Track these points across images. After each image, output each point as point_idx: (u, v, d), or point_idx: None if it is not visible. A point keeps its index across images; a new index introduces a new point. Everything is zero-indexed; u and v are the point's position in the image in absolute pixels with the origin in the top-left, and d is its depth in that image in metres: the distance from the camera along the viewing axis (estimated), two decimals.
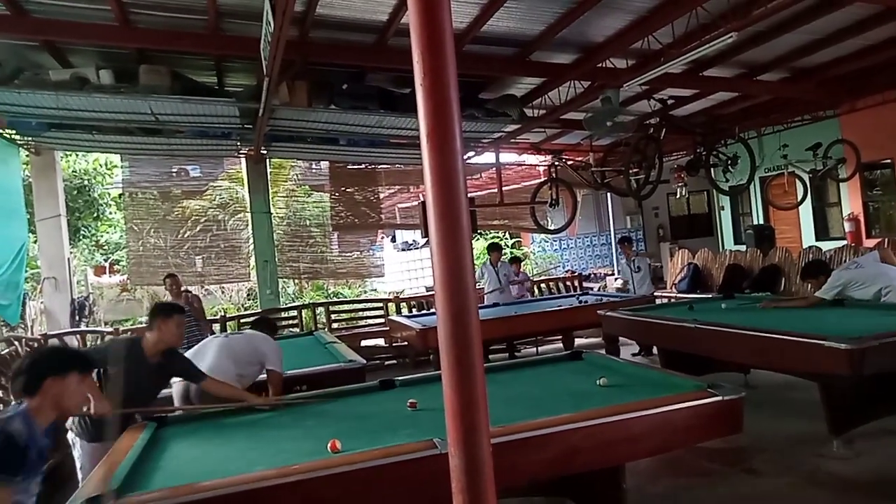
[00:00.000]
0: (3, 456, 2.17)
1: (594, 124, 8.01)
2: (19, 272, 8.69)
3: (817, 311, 5.48)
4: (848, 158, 9.53)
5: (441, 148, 1.27)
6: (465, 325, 1.27)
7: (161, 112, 7.26)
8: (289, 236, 11.55)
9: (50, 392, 2.36)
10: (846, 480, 4.03)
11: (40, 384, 2.34)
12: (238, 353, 4.39)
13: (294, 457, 2.75)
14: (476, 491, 1.22)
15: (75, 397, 2.49)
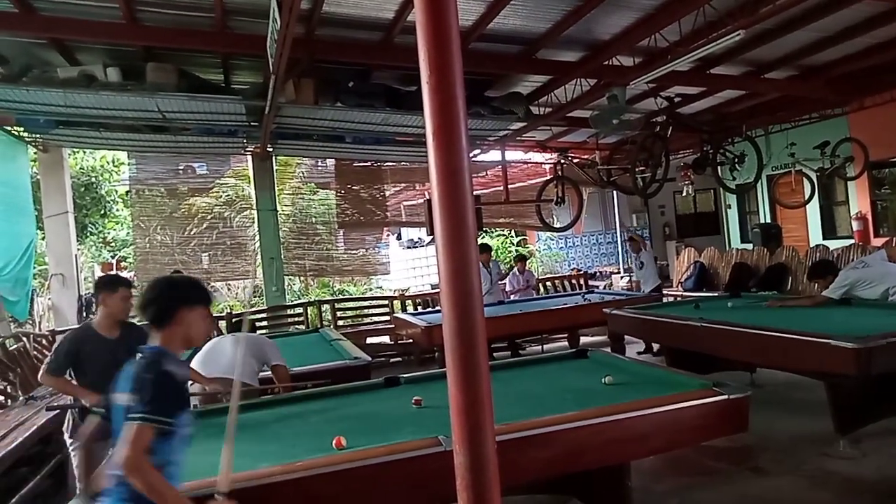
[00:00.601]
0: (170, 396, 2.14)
1: (600, 122, 7.99)
2: (27, 269, 8.74)
3: (824, 310, 5.46)
4: (856, 157, 9.49)
5: (447, 146, 1.27)
6: (470, 323, 1.27)
7: (168, 109, 7.28)
8: (294, 234, 11.58)
9: (182, 322, 2.29)
10: (852, 480, 4.01)
11: (174, 314, 2.27)
12: (250, 347, 4.41)
13: (299, 453, 2.76)
14: (481, 488, 1.22)
15: (202, 328, 2.39)
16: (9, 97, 6.76)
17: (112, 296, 3.79)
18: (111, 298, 3.78)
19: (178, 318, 2.27)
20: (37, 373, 6.94)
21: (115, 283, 3.88)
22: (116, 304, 3.80)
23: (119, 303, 3.80)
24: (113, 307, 3.80)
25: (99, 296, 3.84)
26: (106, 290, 3.82)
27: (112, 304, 3.79)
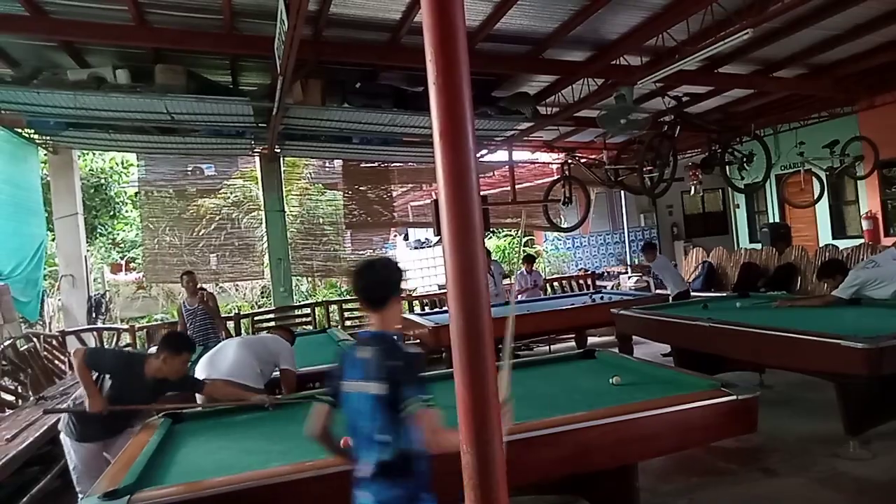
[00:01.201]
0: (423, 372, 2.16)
1: (608, 122, 7.97)
2: (38, 269, 8.81)
3: (834, 310, 5.42)
4: (866, 156, 9.43)
5: (454, 146, 1.27)
6: (477, 323, 1.27)
7: (176, 111, 7.32)
8: (302, 234, 11.61)
9: (391, 309, 2.28)
10: (862, 481, 3.98)
11: (388, 299, 2.27)
12: (255, 349, 4.49)
13: (308, 453, 2.77)
14: (488, 488, 1.23)
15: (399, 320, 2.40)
16: (19, 99, 6.81)
17: (174, 358, 3.73)
18: (172, 360, 3.73)
19: (389, 305, 2.27)
20: (47, 373, 7.03)
21: (180, 348, 3.80)
22: (174, 367, 3.75)
23: (177, 366, 3.76)
24: (170, 368, 3.74)
25: (161, 353, 3.75)
26: (170, 351, 3.74)
27: (170, 365, 3.73)
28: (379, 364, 2.12)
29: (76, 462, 3.76)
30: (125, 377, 3.72)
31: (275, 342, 4.68)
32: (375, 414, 2.10)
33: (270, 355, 4.52)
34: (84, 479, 3.66)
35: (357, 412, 2.15)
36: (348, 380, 2.20)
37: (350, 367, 2.21)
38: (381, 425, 2.09)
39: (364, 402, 2.12)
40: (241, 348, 4.45)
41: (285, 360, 4.52)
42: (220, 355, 4.43)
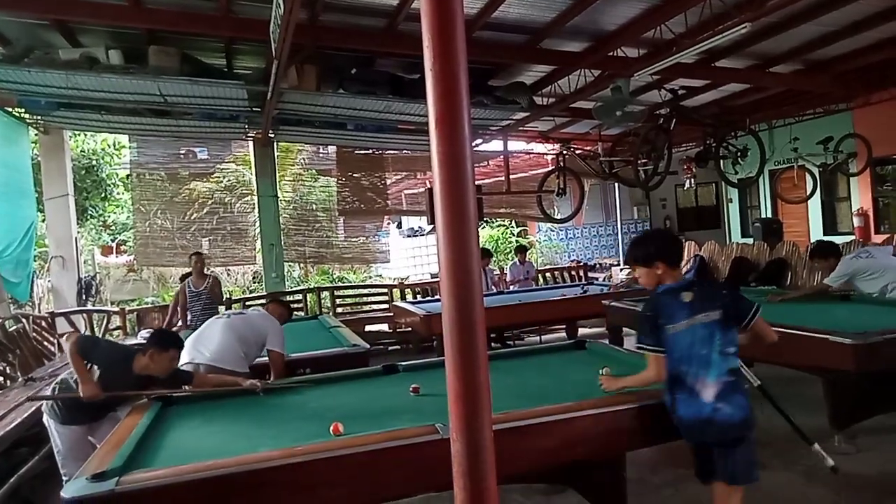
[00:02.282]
0: None
1: (604, 114, 7.97)
2: (28, 250, 8.76)
3: (823, 305, 5.46)
4: (859, 153, 9.46)
5: (449, 134, 1.26)
6: (469, 312, 1.27)
7: (170, 93, 7.26)
8: (295, 220, 11.57)
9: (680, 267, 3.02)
10: (847, 475, 4.02)
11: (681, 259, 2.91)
12: (241, 332, 4.40)
13: (297, 438, 2.78)
14: (477, 476, 1.23)
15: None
16: (10, 78, 6.73)
17: (161, 355, 3.68)
18: (159, 357, 3.67)
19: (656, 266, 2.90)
20: (36, 354, 7.01)
21: (167, 345, 3.74)
22: (161, 364, 3.69)
23: (164, 363, 3.69)
24: (157, 365, 3.68)
25: (148, 350, 3.70)
26: (157, 348, 3.69)
27: (157, 362, 3.67)
28: (712, 297, 2.82)
29: (60, 446, 3.73)
30: (114, 370, 3.68)
31: (263, 321, 4.54)
32: (721, 333, 2.76)
33: (257, 336, 4.42)
34: (69, 462, 3.64)
35: (698, 340, 2.75)
36: (679, 321, 2.77)
37: (678, 311, 2.79)
38: (727, 340, 2.77)
39: (705, 329, 2.75)
40: (227, 331, 4.36)
41: (273, 341, 4.40)
42: (205, 338, 4.37)
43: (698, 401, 2.73)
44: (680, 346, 2.76)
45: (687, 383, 2.75)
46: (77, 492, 2.34)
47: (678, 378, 2.78)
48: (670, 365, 2.79)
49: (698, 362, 2.74)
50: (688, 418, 2.77)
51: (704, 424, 2.74)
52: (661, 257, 2.89)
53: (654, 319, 2.81)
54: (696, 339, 2.74)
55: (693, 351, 2.74)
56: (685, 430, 2.82)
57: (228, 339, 4.31)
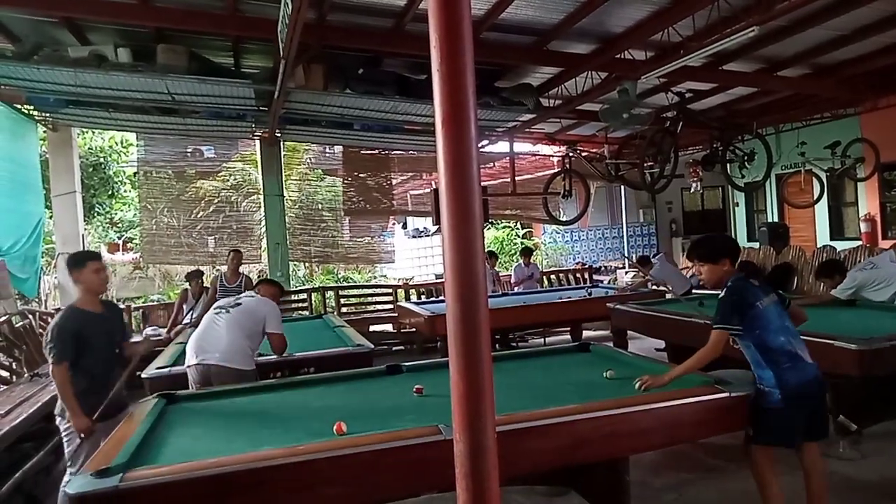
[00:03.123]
0: None
1: (610, 116, 7.95)
2: (36, 247, 8.80)
3: (829, 310, 5.43)
4: (867, 158, 9.42)
5: (456, 135, 1.26)
6: (474, 313, 1.27)
7: (177, 92, 7.28)
8: (300, 220, 11.59)
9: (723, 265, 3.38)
10: (851, 481, 4.01)
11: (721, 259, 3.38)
12: (245, 325, 4.41)
13: (300, 437, 2.78)
14: (480, 476, 1.23)
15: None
16: (19, 75, 6.77)
17: (82, 271, 3.73)
18: (82, 274, 3.73)
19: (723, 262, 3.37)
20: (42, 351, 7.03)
21: (83, 260, 3.82)
22: (89, 278, 3.74)
23: (91, 276, 3.74)
24: (88, 281, 3.74)
25: (72, 276, 3.78)
26: (75, 268, 3.75)
27: (86, 279, 3.74)
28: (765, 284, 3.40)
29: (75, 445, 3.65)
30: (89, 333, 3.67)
31: (261, 306, 4.55)
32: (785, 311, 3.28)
33: (258, 324, 4.44)
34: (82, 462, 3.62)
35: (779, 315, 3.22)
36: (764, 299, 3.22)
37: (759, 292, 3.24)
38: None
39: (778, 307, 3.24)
40: (234, 329, 4.35)
41: (272, 323, 4.47)
42: (210, 336, 4.35)
43: (804, 363, 3.12)
44: (773, 320, 3.16)
45: (790, 351, 3.11)
46: (81, 488, 2.35)
47: (780, 349, 3.11)
48: (771, 338, 3.12)
49: (788, 332, 3.17)
50: (799, 383, 3.07)
51: (814, 383, 3.12)
52: (728, 255, 3.39)
53: (741, 302, 3.18)
54: (778, 314, 3.20)
55: (782, 323, 3.18)
56: (794, 396, 3.05)
57: (236, 338, 4.31)
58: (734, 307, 3.19)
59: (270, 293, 4.77)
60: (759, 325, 3.15)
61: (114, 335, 3.91)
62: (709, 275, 3.39)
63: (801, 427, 3.13)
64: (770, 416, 3.09)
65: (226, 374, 4.13)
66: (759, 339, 3.15)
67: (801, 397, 3.07)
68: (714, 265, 3.35)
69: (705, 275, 3.42)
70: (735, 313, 3.18)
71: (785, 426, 3.11)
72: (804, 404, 3.09)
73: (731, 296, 3.22)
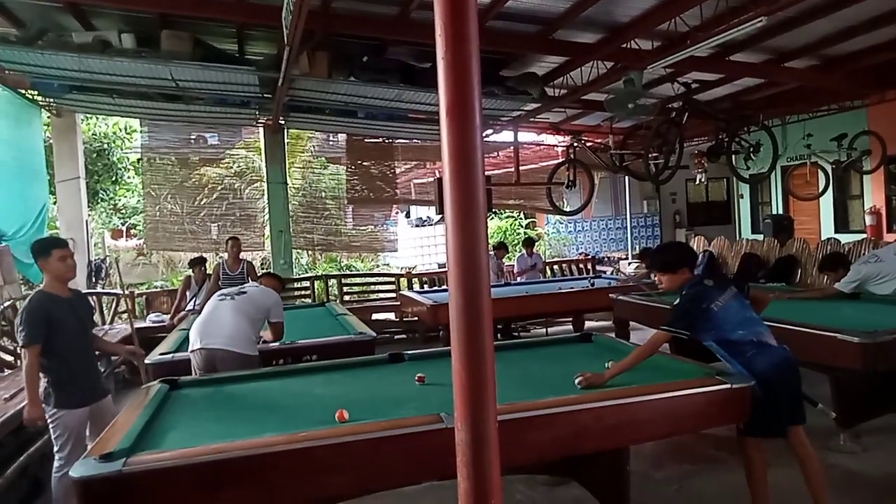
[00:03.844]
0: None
1: (616, 106, 7.91)
2: (41, 232, 8.81)
3: (832, 303, 5.43)
4: (873, 150, 9.36)
5: (460, 124, 1.26)
6: (477, 302, 1.27)
7: (181, 78, 7.27)
8: (304, 207, 11.60)
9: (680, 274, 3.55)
10: (852, 474, 4.02)
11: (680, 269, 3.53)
12: (249, 313, 4.47)
13: (302, 424, 2.79)
14: (481, 465, 1.23)
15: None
16: (24, 60, 6.76)
17: (47, 259, 3.74)
18: (47, 263, 3.74)
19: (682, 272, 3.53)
20: None
21: (48, 247, 3.82)
22: (55, 266, 3.75)
23: (56, 263, 3.75)
24: (54, 269, 3.76)
25: (38, 264, 3.80)
26: (41, 256, 3.77)
27: (53, 267, 3.75)
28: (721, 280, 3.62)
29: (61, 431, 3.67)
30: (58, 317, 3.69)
31: (265, 296, 4.65)
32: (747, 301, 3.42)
33: (262, 313, 4.55)
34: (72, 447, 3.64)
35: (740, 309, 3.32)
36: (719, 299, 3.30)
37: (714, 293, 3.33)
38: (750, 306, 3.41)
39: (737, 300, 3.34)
40: (238, 315, 4.39)
41: (275, 313, 4.60)
42: (215, 321, 4.38)
43: (770, 347, 3.22)
44: (731, 316, 3.26)
45: (752, 340, 3.21)
46: (85, 472, 2.36)
47: (740, 342, 3.22)
48: (729, 334, 3.24)
49: (751, 322, 3.28)
50: (769, 367, 3.13)
51: (786, 365, 3.18)
52: (686, 264, 3.55)
53: (694, 309, 3.28)
54: (739, 308, 3.30)
55: (742, 316, 3.28)
56: (768, 381, 3.10)
57: (241, 323, 4.36)
58: (685, 314, 3.32)
59: (273, 285, 4.88)
60: (716, 325, 3.27)
61: (85, 322, 3.95)
62: (668, 283, 3.57)
63: (785, 413, 3.18)
64: (753, 407, 3.09)
65: (231, 358, 4.16)
66: (718, 337, 3.28)
67: (775, 382, 3.12)
68: (674, 275, 3.53)
69: (665, 283, 3.60)
70: (685, 318, 3.30)
71: (769, 415, 3.14)
72: (781, 389, 3.14)
73: (686, 303, 3.35)
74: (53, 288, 3.80)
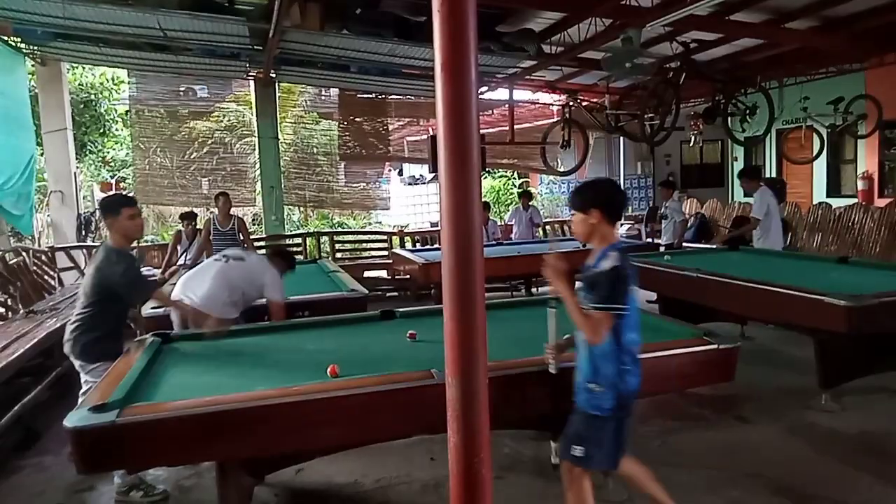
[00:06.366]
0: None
1: (613, 65, 7.79)
2: (29, 183, 8.71)
3: (820, 265, 5.50)
4: (869, 115, 9.33)
5: (455, 80, 1.24)
6: (469, 261, 1.27)
7: (169, 27, 7.09)
8: (295, 163, 11.48)
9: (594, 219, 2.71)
10: (831, 431, 4.13)
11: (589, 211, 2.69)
12: (233, 281, 4.35)
13: (295, 379, 2.82)
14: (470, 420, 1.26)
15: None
16: (5, 4, 6.58)
17: (117, 219, 3.63)
18: (118, 221, 3.63)
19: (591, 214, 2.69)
20: (36, 287, 7.07)
21: (116, 206, 3.69)
22: (125, 225, 3.64)
23: (127, 222, 3.64)
24: (124, 229, 3.64)
25: (105, 221, 3.71)
26: (110, 214, 3.65)
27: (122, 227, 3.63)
28: None
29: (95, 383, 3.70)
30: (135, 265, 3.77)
31: (261, 270, 4.47)
32: None
33: (251, 285, 4.39)
34: None
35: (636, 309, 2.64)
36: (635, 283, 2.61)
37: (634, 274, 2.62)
38: None
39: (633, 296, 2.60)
40: (218, 278, 4.31)
41: (271, 290, 4.38)
42: (197, 280, 4.35)
43: (637, 368, 2.62)
44: (633, 313, 2.58)
45: (634, 352, 2.61)
46: (79, 422, 2.39)
47: (629, 347, 2.58)
48: (626, 332, 2.55)
49: (639, 329, 2.65)
50: (630, 392, 2.59)
51: (634, 397, 2.62)
52: (597, 205, 2.66)
53: (628, 280, 2.55)
54: (635, 306, 2.62)
55: (637, 317, 2.65)
56: (628, 402, 2.60)
57: (217, 287, 4.26)
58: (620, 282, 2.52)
59: (278, 264, 4.63)
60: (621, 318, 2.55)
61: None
62: (575, 226, 2.79)
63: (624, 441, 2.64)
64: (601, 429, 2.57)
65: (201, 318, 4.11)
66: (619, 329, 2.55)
67: (626, 408, 2.60)
68: (584, 216, 2.69)
69: (575, 227, 2.82)
70: (622, 293, 2.52)
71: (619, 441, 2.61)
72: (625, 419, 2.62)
73: (624, 268, 2.54)
74: (121, 246, 3.69)
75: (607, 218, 2.66)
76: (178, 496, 3.58)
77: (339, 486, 3.60)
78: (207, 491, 3.44)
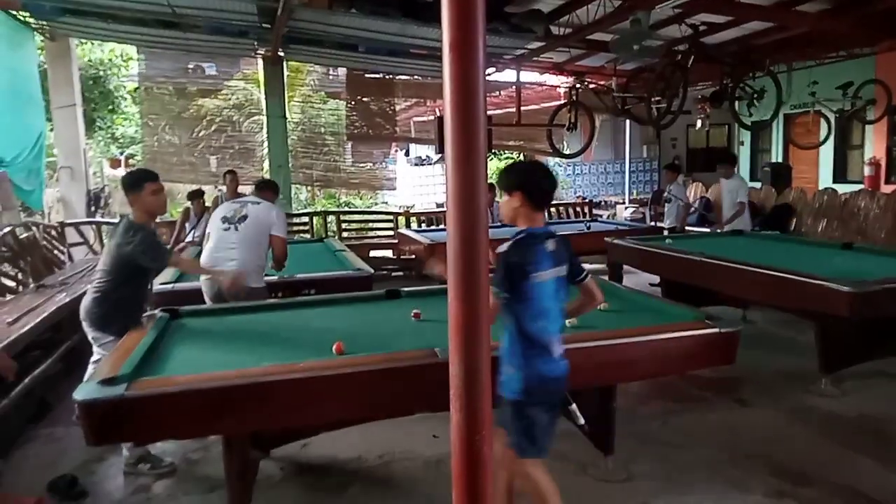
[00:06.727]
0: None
1: (621, 47, 7.74)
2: (39, 159, 8.75)
3: (824, 250, 5.50)
4: (878, 100, 9.25)
5: (463, 60, 1.25)
6: (474, 242, 1.29)
7: (177, 4, 7.08)
8: (303, 142, 11.49)
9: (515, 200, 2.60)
10: (831, 415, 4.17)
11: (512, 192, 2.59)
12: (254, 239, 4.44)
13: (300, 355, 2.86)
14: (473, 398, 1.29)
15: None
16: None
17: (140, 194, 3.64)
18: (141, 197, 3.64)
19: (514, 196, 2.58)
20: (47, 262, 7.13)
21: (140, 181, 3.69)
22: (148, 201, 3.66)
23: (150, 198, 3.66)
24: (147, 204, 3.66)
25: (128, 197, 3.70)
26: (133, 190, 3.65)
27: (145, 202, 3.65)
28: (565, 251, 2.66)
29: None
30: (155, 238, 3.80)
31: (266, 214, 4.55)
32: (564, 290, 2.62)
33: (262, 234, 4.47)
34: None
35: (554, 293, 2.55)
36: (544, 270, 2.52)
37: (544, 259, 2.53)
38: (564, 297, 2.62)
39: (558, 283, 2.58)
40: (243, 246, 4.38)
41: (277, 227, 4.53)
42: (223, 252, 4.39)
43: (552, 357, 2.54)
44: (542, 298, 2.51)
45: (542, 340, 2.52)
46: (88, 395, 2.44)
47: (533, 334, 2.50)
48: (528, 319, 2.49)
49: (553, 316, 2.56)
50: (541, 375, 2.51)
51: (558, 382, 2.56)
52: (520, 188, 2.55)
53: (517, 266, 2.47)
54: (553, 292, 2.55)
55: (552, 304, 2.55)
56: (533, 391, 2.50)
57: (248, 255, 4.36)
58: (508, 270, 2.47)
59: (269, 197, 4.77)
60: (524, 300, 2.48)
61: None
62: (503, 209, 2.68)
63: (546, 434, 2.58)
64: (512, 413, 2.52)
65: (237, 290, 4.21)
66: (517, 315, 2.50)
67: (540, 393, 2.52)
68: (508, 196, 2.59)
69: (501, 209, 2.73)
70: (506, 279, 2.47)
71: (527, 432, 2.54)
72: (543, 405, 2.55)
73: (510, 256, 2.48)
74: (143, 221, 3.71)
75: (529, 201, 2.56)
76: (185, 469, 3.66)
77: (343, 461, 3.67)
78: (214, 464, 3.51)
